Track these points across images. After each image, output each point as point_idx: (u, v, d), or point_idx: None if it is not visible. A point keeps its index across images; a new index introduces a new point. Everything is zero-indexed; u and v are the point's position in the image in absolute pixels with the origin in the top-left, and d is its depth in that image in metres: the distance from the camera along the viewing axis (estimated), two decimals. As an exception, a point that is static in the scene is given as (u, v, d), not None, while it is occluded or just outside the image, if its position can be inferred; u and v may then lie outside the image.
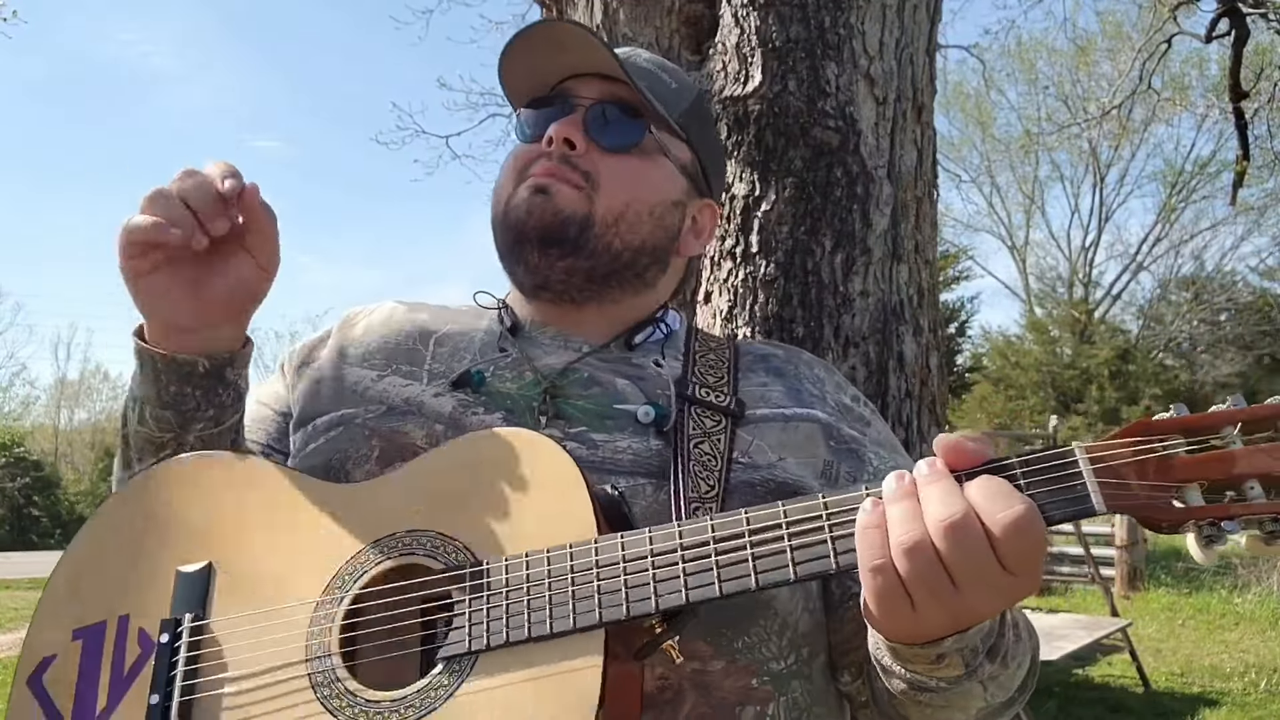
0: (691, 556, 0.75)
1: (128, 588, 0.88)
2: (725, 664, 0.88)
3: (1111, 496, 0.68)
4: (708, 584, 0.74)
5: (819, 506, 0.75)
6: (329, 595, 0.82)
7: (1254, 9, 6.28)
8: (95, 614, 0.88)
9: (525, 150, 1.05)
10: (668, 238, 1.08)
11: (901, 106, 1.93)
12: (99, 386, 33.84)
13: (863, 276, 1.83)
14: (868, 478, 0.99)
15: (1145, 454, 0.69)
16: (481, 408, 0.97)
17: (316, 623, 0.81)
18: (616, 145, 1.03)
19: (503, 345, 1.05)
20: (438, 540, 0.81)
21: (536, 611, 0.76)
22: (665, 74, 1.09)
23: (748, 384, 1.03)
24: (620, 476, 0.92)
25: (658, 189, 1.06)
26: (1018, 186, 29.26)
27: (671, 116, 1.06)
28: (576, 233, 1.00)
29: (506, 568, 0.78)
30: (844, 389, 1.09)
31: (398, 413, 0.98)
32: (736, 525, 0.76)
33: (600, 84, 1.05)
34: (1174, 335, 27.53)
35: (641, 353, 1.05)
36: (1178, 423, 0.70)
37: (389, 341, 1.07)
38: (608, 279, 1.03)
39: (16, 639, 8.41)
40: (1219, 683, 6.77)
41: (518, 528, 0.80)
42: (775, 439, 0.98)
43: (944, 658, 0.75)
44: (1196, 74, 20.39)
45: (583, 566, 0.76)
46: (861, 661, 0.95)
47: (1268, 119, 9.10)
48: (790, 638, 0.93)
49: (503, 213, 1.03)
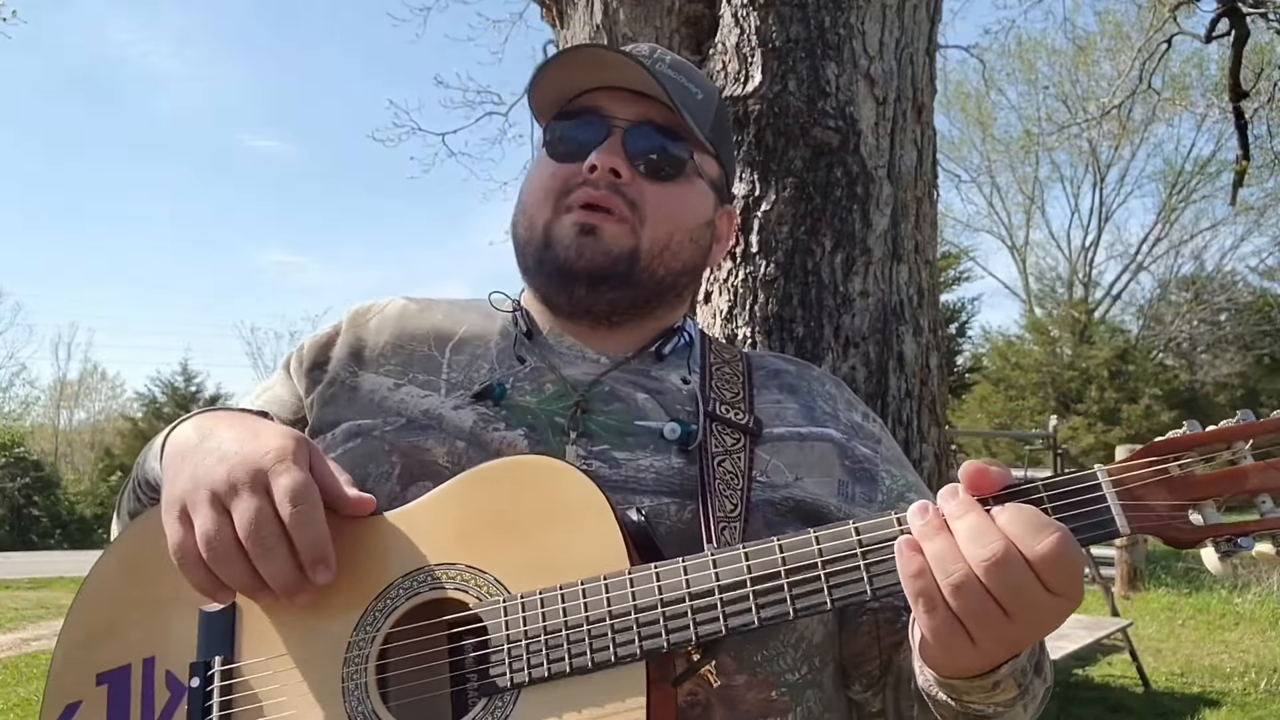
0: (730, 599, 0.75)
1: (149, 629, 0.86)
2: (748, 677, 0.88)
3: (1135, 519, 0.70)
4: (746, 621, 0.74)
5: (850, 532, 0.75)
6: (360, 634, 0.80)
7: (1254, 9, 6.28)
8: (118, 657, 0.86)
9: (563, 172, 1.01)
10: (703, 256, 1.08)
11: (901, 106, 1.93)
12: (99, 386, 33.88)
13: (863, 276, 1.83)
14: (882, 498, 1.00)
15: (1162, 474, 0.71)
16: (503, 423, 0.95)
17: (350, 663, 0.80)
18: (661, 175, 1.02)
19: (520, 354, 1.03)
20: (468, 573, 0.80)
21: (575, 644, 0.75)
22: (691, 82, 1.06)
23: (762, 401, 1.03)
24: (644, 496, 0.91)
25: (696, 213, 1.05)
26: (1018, 186, 29.34)
27: (704, 132, 1.04)
28: (625, 269, 0.99)
29: (542, 601, 0.77)
30: (854, 406, 1.09)
31: (417, 426, 0.96)
32: (770, 555, 0.76)
33: (632, 100, 1.02)
34: (1174, 335, 27.54)
35: (668, 365, 1.05)
36: (1191, 439, 0.72)
37: (404, 346, 1.05)
38: (649, 303, 1.04)
39: (16, 639, 8.41)
40: (1219, 683, 6.77)
41: (549, 559, 0.79)
42: (792, 459, 0.98)
43: (999, 684, 0.76)
44: (1196, 74, 20.43)
45: (619, 599, 0.76)
46: (873, 672, 0.96)
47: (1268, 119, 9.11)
48: (805, 649, 0.93)
49: (542, 243, 1.01)
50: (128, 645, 0.86)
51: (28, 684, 6.42)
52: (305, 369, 1.06)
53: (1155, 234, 28.38)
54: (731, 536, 0.87)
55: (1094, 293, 29.26)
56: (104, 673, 0.86)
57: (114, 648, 0.86)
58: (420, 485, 0.90)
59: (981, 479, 0.72)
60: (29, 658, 7.46)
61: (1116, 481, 0.71)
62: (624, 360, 1.03)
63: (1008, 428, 23.41)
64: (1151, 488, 0.71)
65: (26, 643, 8.20)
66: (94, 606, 0.89)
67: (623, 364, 1.02)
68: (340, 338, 1.08)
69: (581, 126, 1.02)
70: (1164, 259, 28.74)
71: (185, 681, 0.82)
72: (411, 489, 0.90)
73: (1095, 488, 0.71)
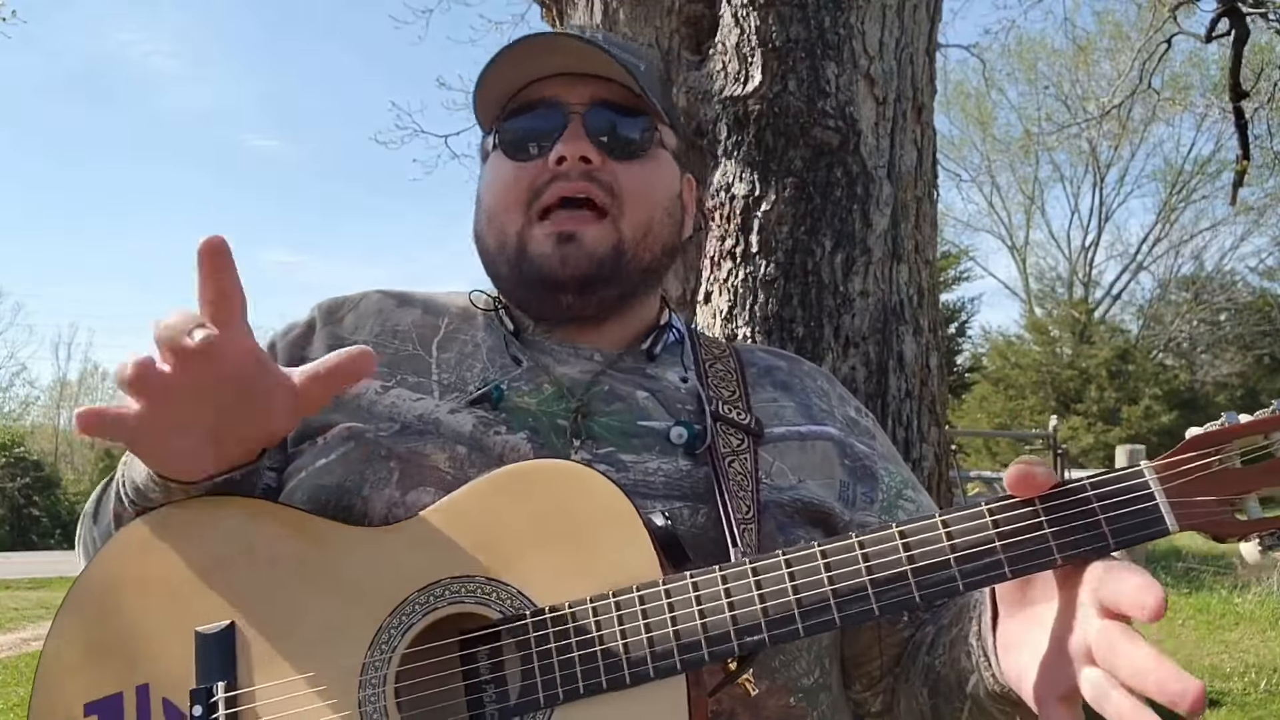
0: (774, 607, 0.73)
1: (140, 653, 0.79)
2: (768, 684, 0.87)
3: (1184, 515, 0.69)
4: (790, 631, 0.72)
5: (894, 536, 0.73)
6: (375, 654, 0.76)
7: (1254, 9, 6.28)
8: (107, 685, 0.78)
9: (526, 172, 0.96)
10: (678, 231, 1.05)
11: (901, 106, 1.93)
12: (99, 386, 33.86)
13: (863, 276, 1.83)
14: (882, 497, 0.99)
15: (1207, 469, 0.70)
16: (504, 426, 0.92)
17: (366, 685, 0.75)
18: (630, 154, 0.97)
19: (514, 354, 0.99)
20: (489, 585, 0.76)
21: (610, 659, 0.72)
22: (630, 54, 1.00)
23: (758, 399, 1.01)
24: (654, 500, 0.88)
25: (667, 188, 1.02)
26: (1018, 186, 29.36)
27: (658, 101, 1.00)
28: (611, 268, 0.96)
29: (573, 615, 0.74)
30: (847, 401, 1.08)
31: (413, 431, 0.92)
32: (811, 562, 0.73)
33: (581, 82, 0.97)
34: (1174, 335, 27.54)
35: (661, 363, 1.02)
36: (1231, 431, 0.71)
37: (386, 345, 1.00)
38: (635, 292, 1.01)
39: (16, 639, 8.41)
40: (1219, 683, 6.77)
41: (574, 569, 0.75)
42: (794, 460, 0.96)
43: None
44: (1196, 74, 20.40)
45: (655, 611, 0.73)
46: (874, 673, 0.96)
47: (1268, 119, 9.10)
48: (817, 652, 0.92)
49: (516, 254, 0.96)
50: (117, 671, 0.79)
51: (27, 684, 6.41)
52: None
53: (1155, 234, 28.42)
54: (750, 539, 0.86)
55: (1094, 293, 29.29)
56: (92, 702, 0.78)
57: (101, 675, 0.79)
58: (421, 490, 0.88)
59: (1029, 480, 0.70)
60: (29, 658, 7.46)
61: (1164, 479, 0.70)
62: (618, 358, 1.00)
63: (1008, 428, 23.39)
64: (1198, 483, 0.69)
65: (26, 643, 8.20)
66: (76, 630, 0.81)
67: (617, 361, 1.00)
68: (316, 335, 1.03)
69: (536, 119, 0.97)
70: (1164, 259, 28.78)
71: (185, 709, 0.76)
72: (411, 494, 0.88)
73: (1143, 485, 0.70)
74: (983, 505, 0.72)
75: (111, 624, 0.81)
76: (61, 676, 0.80)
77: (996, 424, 24.50)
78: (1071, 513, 0.70)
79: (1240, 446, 0.70)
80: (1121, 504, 0.70)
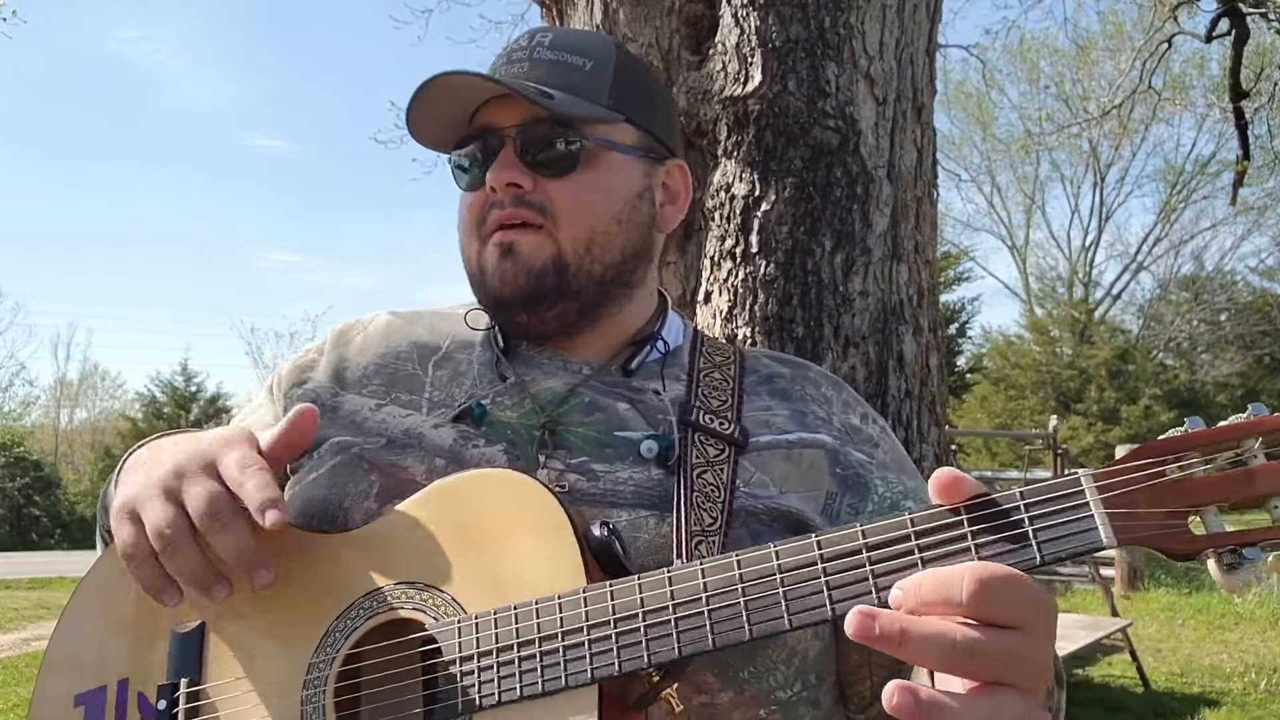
0: (684, 611, 0.71)
1: (124, 651, 0.87)
2: (733, 695, 0.86)
3: (1122, 529, 0.63)
4: (700, 639, 0.70)
5: (811, 546, 0.70)
6: (321, 655, 0.80)
7: (1254, 9, 6.28)
8: (94, 679, 0.87)
9: (477, 200, 0.99)
10: (644, 232, 1.03)
11: (901, 106, 1.93)
12: (99, 386, 33.89)
13: (863, 276, 1.83)
14: (871, 508, 0.97)
15: (1158, 478, 0.64)
16: (483, 439, 0.95)
17: (310, 685, 0.79)
18: (560, 170, 0.97)
19: (502, 372, 1.01)
20: (426, 593, 0.79)
21: (527, 670, 0.73)
22: (576, 54, 1.00)
23: (750, 408, 1.00)
24: (622, 509, 0.89)
25: (615, 194, 1.00)
26: (1018, 186, 29.35)
27: (600, 103, 0.98)
28: (555, 280, 0.96)
29: (495, 622, 0.75)
30: (852, 408, 1.05)
31: (397, 445, 0.95)
32: (728, 571, 0.71)
33: (517, 102, 0.97)
34: (1174, 335, 27.55)
35: (640, 377, 1.01)
36: (1193, 438, 0.65)
37: (387, 365, 1.04)
38: (599, 303, 1.00)
39: (17, 639, 8.41)
40: (1219, 683, 6.77)
41: (505, 577, 0.77)
42: (779, 471, 0.95)
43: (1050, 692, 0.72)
44: (1197, 74, 20.42)
45: (571, 620, 0.73)
46: (865, 694, 0.94)
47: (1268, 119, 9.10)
48: (798, 665, 0.90)
49: (477, 275, 1.00)
50: (103, 667, 0.87)
51: (28, 684, 6.42)
52: (284, 390, 1.06)
53: (1155, 234, 28.42)
54: (708, 550, 0.85)
55: (1094, 293, 29.29)
56: (81, 694, 0.87)
57: (90, 670, 0.87)
58: (397, 502, 0.88)
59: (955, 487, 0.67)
60: (29, 658, 7.47)
61: (1105, 487, 0.64)
62: (599, 369, 1.01)
63: (1008, 428, 23.40)
64: (1143, 493, 0.64)
65: (26, 643, 8.21)
66: (75, 631, 0.90)
67: (599, 372, 1.00)
68: (323, 359, 1.07)
69: (476, 147, 0.99)
70: (1164, 259, 28.78)
71: (154, 703, 0.83)
72: (387, 506, 0.88)
73: (1079, 494, 0.64)
74: (905, 515, 0.69)
75: (100, 626, 0.89)
76: (57, 671, 0.89)
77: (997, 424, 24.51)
78: (999, 523, 0.66)
79: (1205, 455, 0.64)
80: (1052, 514, 0.65)
